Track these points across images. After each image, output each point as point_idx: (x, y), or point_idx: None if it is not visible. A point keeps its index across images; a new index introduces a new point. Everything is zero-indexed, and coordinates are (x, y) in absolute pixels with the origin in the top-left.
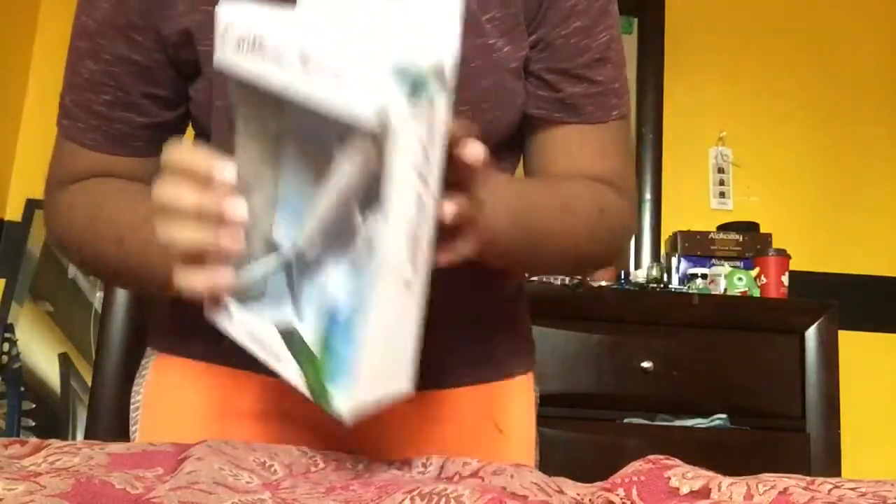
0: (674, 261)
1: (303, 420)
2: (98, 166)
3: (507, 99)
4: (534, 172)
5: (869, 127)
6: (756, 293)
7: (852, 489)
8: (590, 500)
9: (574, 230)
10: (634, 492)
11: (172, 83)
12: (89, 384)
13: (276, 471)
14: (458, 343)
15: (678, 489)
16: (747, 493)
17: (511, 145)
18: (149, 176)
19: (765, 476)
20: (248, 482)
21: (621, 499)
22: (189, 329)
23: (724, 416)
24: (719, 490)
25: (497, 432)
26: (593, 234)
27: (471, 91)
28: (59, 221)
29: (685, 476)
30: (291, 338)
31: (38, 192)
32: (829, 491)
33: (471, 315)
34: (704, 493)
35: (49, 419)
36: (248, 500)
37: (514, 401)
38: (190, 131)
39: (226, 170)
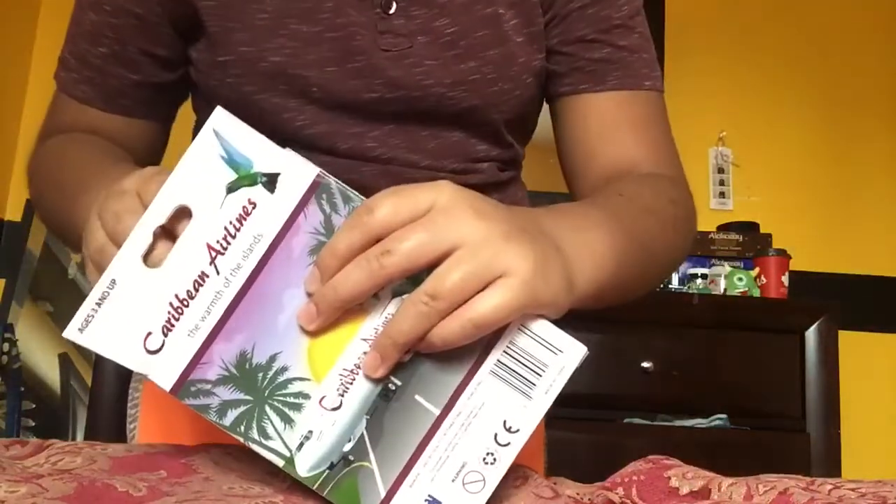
0: None
1: None
2: (85, 122)
3: (516, 71)
4: (569, 156)
5: (869, 127)
6: (756, 293)
7: (852, 489)
8: (589, 499)
9: (657, 242)
10: (634, 491)
11: (171, 42)
12: (89, 384)
13: (285, 478)
14: None
15: (678, 489)
16: (747, 493)
17: (520, 130)
18: (133, 138)
19: (765, 476)
20: (259, 491)
21: (621, 498)
22: None
23: (724, 416)
24: (719, 490)
25: None
26: (673, 236)
27: (477, 60)
28: (32, 171)
29: (685, 476)
30: None
31: None
32: (829, 491)
33: None
34: (704, 493)
35: (49, 419)
36: (259, 503)
37: None
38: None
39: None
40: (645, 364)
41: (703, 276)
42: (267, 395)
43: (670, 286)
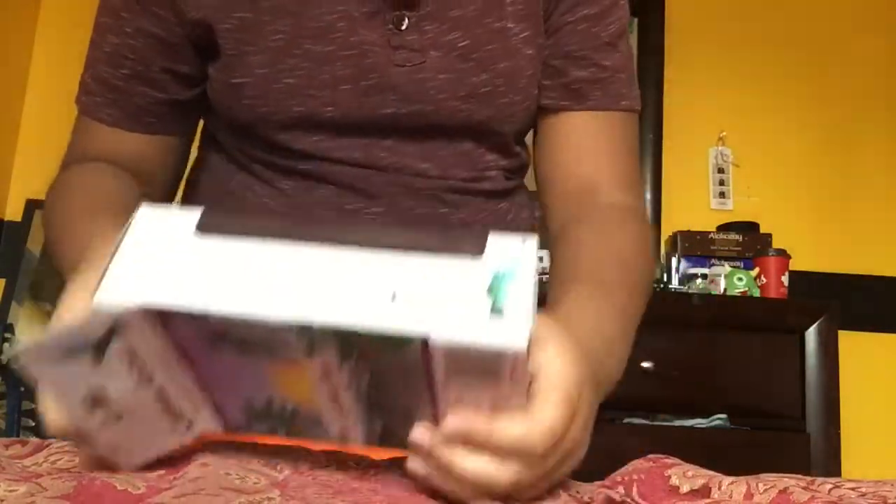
0: (674, 261)
1: None
2: (110, 144)
3: (523, 84)
4: (542, 166)
5: (869, 127)
6: (756, 293)
7: (852, 489)
8: (589, 497)
9: (637, 308)
10: (635, 490)
11: (193, 60)
12: None
13: (282, 469)
14: None
15: (678, 488)
16: (747, 491)
17: (525, 138)
18: (159, 156)
19: (765, 476)
20: (255, 483)
21: (621, 496)
22: None
23: (724, 416)
24: (719, 489)
25: None
26: (645, 295)
27: (487, 72)
28: (47, 205)
29: (685, 475)
30: None
31: (38, 193)
32: (829, 491)
33: None
34: (705, 491)
35: None
36: (257, 499)
37: None
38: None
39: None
40: (645, 364)
41: (703, 276)
42: (290, 420)
43: (670, 286)
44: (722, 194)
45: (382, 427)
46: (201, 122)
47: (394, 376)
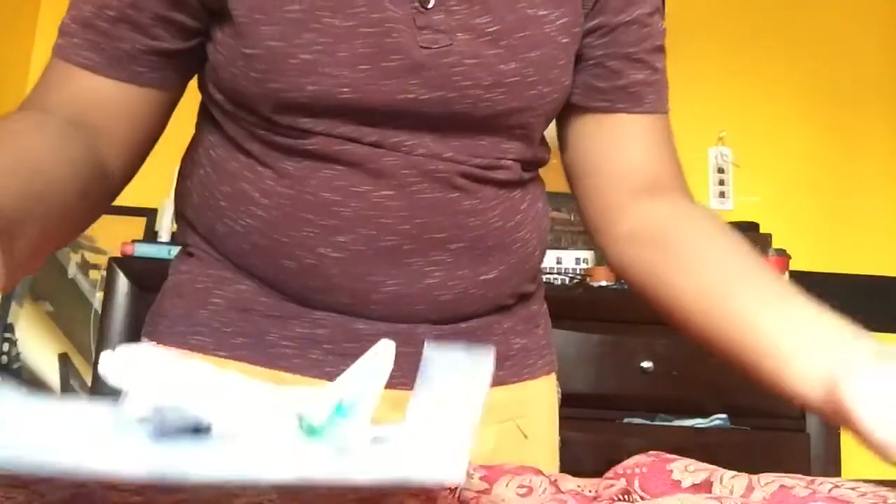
0: None
1: None
2: (80, 92)
3: (555, 75)
4: (597, 168)
5: (869, 127)
6: None
7: (852, 489)
8: (590, 490)
9: None
10: (637, 483)
11: (192, 11)
12: (89, 384)
13: None
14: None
15: (680, 482)
16: (748, 485)
17: (545, 139)
18: (136, 109)
19: (765, 475)
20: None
21: (624, 487)
22: (191, 320)
23: (724, 416)
24: (721, 483)
25: (522, 437)
26: None
27: (517, 61)
28: None
29: (687, 468)
30: None
31: None
32: (830, 491)
33: (490, 317)
34: (706, 485)
35: None
36: (256, 500)
37: (537, 403)
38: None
39: None
40: (645, 364)
41: None
42: None
43: None
44: (722, 194)
45: None
46: (197, 107)
47: None
